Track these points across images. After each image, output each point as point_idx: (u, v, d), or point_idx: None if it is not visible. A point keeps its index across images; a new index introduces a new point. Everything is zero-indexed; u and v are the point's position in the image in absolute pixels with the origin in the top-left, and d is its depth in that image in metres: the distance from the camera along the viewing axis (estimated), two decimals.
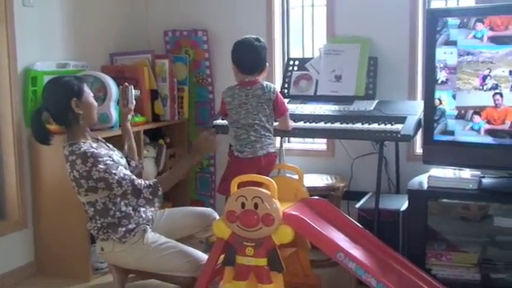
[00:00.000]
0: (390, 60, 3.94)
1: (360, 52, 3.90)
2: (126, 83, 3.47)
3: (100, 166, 3.01)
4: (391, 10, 3.94)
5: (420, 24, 3.87)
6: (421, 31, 3.84)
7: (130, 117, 3.50)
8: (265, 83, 3.24)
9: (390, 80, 3.93)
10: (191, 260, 3.20)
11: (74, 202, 3.31)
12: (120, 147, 3.40)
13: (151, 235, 3.21)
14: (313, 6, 4.34)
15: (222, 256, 3.10)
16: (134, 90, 3.47)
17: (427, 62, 3.32)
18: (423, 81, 3.51)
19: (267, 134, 3.20)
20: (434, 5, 3.94)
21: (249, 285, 3.01)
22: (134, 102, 3.49)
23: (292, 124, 3.49)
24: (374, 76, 3.87)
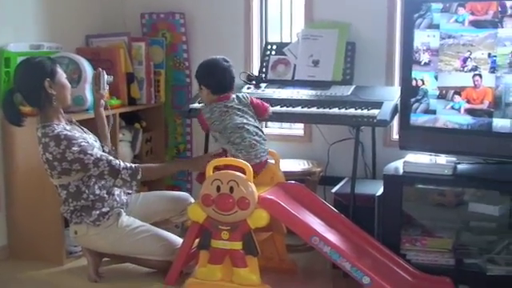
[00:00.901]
0: (368, 45, 3.93)
1: (338, 37, 3.89)
2: (100, 68, 3.44)
3: (74, 148, 2.98)
4: None
5: (398, 10, 3.86)
6: (399, 17, 3.84)
7: (103, 102, 3.45)
8: (238, 94, 3.30)
9: (368, 65, 3.92)
10: (166, 244, 3.19)
11: (47, 185, 3.27)
12: (95, 131, 3.36)
13: (125, 219, 3.19)
14: None
15: (197, 240, 3.09)
16: (106, 76, 3.43)
17: (405, 48, 3.33)
18: (401, 67, 3.50)
19: (261, 138, 3.20)
20: None
21: (224, 268, 3.01)
22: (107, 88, 3.45)
23: (271, 109, 3.47)
24: (351, 61, 3.86)
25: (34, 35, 3.82)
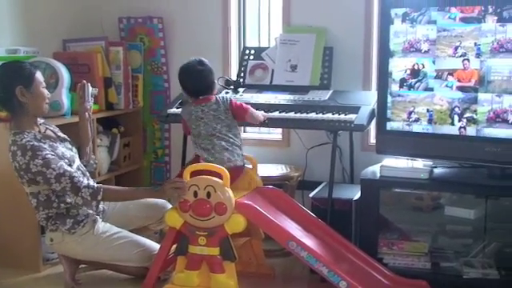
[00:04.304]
0: (346, 50, 3.95)
1: (315, 42, 3.90)
2: (84, 81, 3.41)
3: (37, 160, 2.93)
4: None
5: (375, 15, 3.88)
6: (376, 22, 3.86)
7: (87, 115, 3.41)
8: (219, 96, 3.27)
9: (345, 70, 3.94)
10: (143, 250, 3.18)
11: (23, 191, 3.23)
12: (76, 139, 3.34)
13: (101, 225, 3.17)
14: None
15: (175, 246, 3.08)
16: (91, 88, 3.40)
17: (381, 53, 3.39)
18: (377, 72, 3.53)
19: (234, 141, 3.18)
20: None
21: (201, 274, 3.01)
22: (92, 101, 3.42)
23: (263, 113, 3.46)
24: (329, 66, 3.87)
25: (10, 39, 3.79)
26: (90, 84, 3.40)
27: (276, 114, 3.56)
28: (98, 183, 3.14)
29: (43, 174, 2.95)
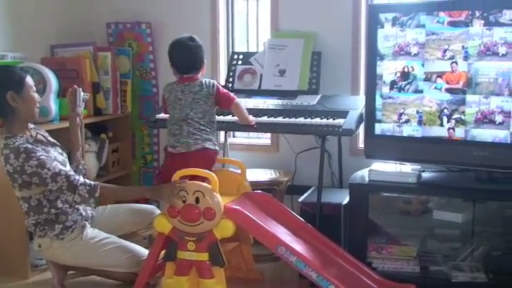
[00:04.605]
0: (334, 55, 3.96)
1: (304, 47, 3.91)
2: (75, 86, 3.39)
3: (32, 161, 2.93)
4: (334, 4, 3.97)
5: (363, 19, 3.90)
6: (363, 27, 3.87)
7: (78, 120, 3.39)
8: (204, 80, 3.23)
9: (334, 75, 3.95)
10: (132, 255, 3.17)
11: (11, 197, 3.21)
12: (66, 144, 3.33)
13: (90, 231, 3.15)
14: None
15: (164, 251, 3.08)
16: (82, 93, 3.38)
17: (369, 58, 3.41)
18: (366, 76, 3.54)
19: (204, 128, 3.15)
20: (376, 0, 4.00)
21: (190, 280, 3.00)
22: (83, 106, 3.40)
23: (253, 119, 3.45)
24: (317, 71, 3.88)
25: None
26: (81, 89, 3.38)
27: (265, 118, 3.56)
28: None
29: (39, 174, 2.94)
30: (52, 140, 3.26)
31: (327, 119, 3.46)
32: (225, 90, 3.27)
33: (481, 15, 3.05)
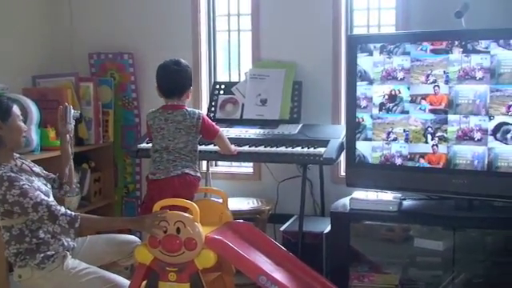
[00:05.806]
0: (315, 84, 4.01)
1: (285, 76, 3.95)
2: (66, 103, 3.39)
3: (14, 190, 2.92)
4: (315, 34, 4.03)
5: (343, 49, 3.95)
6: (344, 57, 3.92)
7: (68, 138, 3.39)
8: (189, 109, 3.25)
9: (315, 104, 3.99)
10: (113, 286, 3.12)
11: None
12: (55, 169, 3.31)
13: (71, 261, 3.12)
14: (239, 30, 4.37)
15: (145, 282, 3.05)
16: (73, 111, 3.38)
17: (349, 87, 3.47)
18: (346, 105, 3.58)
19: (184, 157, 3.17)
20: (356, 30, 4.06)
21: None
22: (73, 123, 3.40)
23: (236, 148, 3.48)
24: (298, 100, 3.92)
25: None
26: (71, 106, 3.38)
27: (246, 148, 3.58)
28: None
29: (20, 203, 2.92)
30: (37, 170, 3.25)
31: (308, 148, 3.48)
32: (210, 122, 3.30)
33: (459, 44, 3.21)
